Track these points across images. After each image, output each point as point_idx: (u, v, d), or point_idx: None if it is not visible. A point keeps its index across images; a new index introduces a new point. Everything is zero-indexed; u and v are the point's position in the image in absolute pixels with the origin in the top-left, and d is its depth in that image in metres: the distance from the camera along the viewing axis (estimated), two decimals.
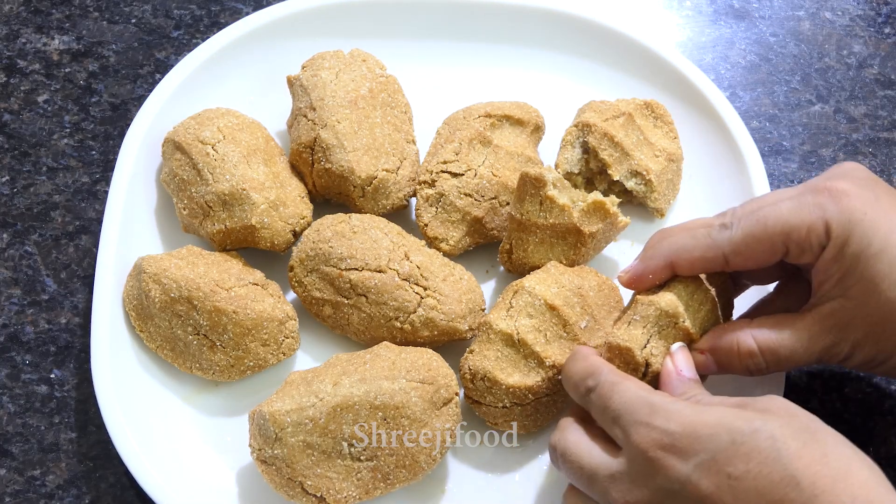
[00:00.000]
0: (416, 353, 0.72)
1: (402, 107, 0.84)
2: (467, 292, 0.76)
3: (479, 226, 0.79)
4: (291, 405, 0.68)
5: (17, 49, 0.94)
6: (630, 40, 0.89)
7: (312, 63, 0.84)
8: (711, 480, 0.54)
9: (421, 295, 0.75)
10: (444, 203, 0.79)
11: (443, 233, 0.79)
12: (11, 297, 0.82)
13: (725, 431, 0.55)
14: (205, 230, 0.78)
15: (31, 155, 0.89)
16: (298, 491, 0.69)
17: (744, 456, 0.54)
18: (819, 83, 0.94)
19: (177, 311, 0.74)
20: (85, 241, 0.85)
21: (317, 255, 0.76)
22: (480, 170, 0.80)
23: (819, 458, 0.55)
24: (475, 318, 0.76)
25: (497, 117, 0.82)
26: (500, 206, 0.80)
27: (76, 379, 0.79)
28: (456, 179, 0.79)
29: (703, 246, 0.66)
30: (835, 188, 0.64)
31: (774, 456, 0.54)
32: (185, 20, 0.96)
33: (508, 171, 0.80)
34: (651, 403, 0.59)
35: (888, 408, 0.79)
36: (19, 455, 0.76)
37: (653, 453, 0.56)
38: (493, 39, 0.92)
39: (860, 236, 0.62)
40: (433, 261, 0.77)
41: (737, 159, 0.84)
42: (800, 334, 0.65)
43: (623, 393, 0.60)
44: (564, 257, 0.76)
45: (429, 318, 0.74)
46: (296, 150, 0.81)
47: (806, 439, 0.56)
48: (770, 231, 0.64)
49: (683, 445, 0.56)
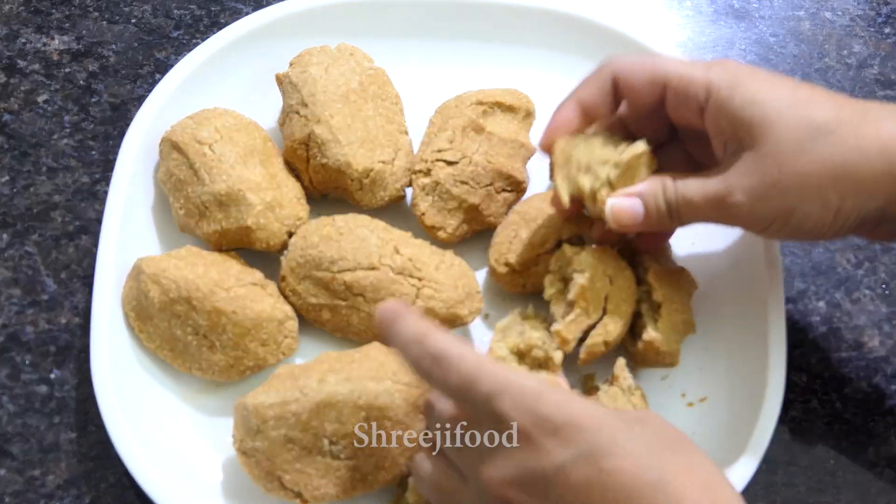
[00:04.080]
0: None
1: (392, 98, 0.84)
2: (461, 277, 0.77)
3: (476, 213, 0.80)
4: (275, 398, 0.68)
5: (17, 49, 0.94)
6: (630, 40, 0.89)
7: (300, 59, 0.84)
8: (584, 472, 0.55)
9: (417, 286, 0.75)
10: (440, 191, 0.79)
11: (440, 221, 0.79)
12: (11, 297, 0.82)
13: (608, 428, 0.56)
14: (201, 230, 0.78)
15: (31, 155, 0.89)
16: (276, 485, 0.69)
17: (620, 455, 0.55)
18: (819, 83, 0.94)
19: (176, 312, 0.74)
20: (85, 241, 0.85)
21: (307, 261, 0.76)
22: (475, 157, 0.80)
23: (688, 468, 0.56)
24: (473, 302, 0.77)
25: (489, 104, 0.83)
26: (496, 193, 0.81)
27: (76, 379, 0.79)
28: (451, 167, 0.79)
29: (593, 76, 0.72)
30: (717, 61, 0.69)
31: (648, 461, 0.55)
32: (185, 20, 0.96)
33: (503, 158, 0.81)
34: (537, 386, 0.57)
35: (888, 408, 0.79)
36: (19, 455, 0.76)
37: (535, 434, 0.56)
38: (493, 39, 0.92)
39: (743, 87, 0.66)
40: (423, 251, 0.77)
41: None
42: (710, 184, 0.68)
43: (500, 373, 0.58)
44: None
45: (429, 308, 0.75)
46: (290, 147, 0.81)
47: (677, 449, 0.57)
48: (654, 69, 0.70)
49: (566, 433, 0.55)
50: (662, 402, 0.78)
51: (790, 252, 0.85)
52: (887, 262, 0.85)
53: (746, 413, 0.75)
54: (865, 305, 0.83)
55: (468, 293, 0.76)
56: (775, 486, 0.76)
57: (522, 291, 0.80)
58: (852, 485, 0.76)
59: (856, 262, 0.85)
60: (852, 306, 0.83)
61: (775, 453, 0.77)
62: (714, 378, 0.78)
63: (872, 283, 0.85)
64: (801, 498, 0.76)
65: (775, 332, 0.76)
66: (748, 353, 0.78)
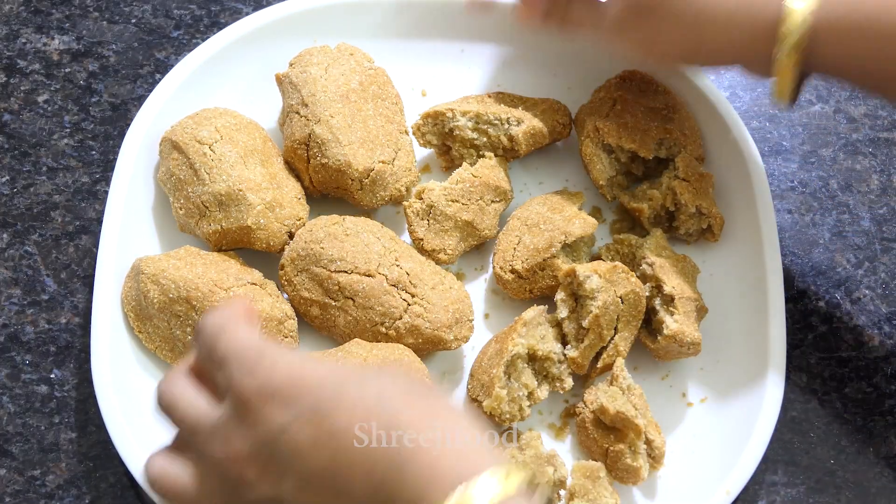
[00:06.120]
0: (387, 350, 0.72)
1: (392, 98, 0.84)
2: (455, 302, 0.76)
3: (471, 228, 0.80)
4: None
5: (17, 49, 0.94)
6: None
7: (300, 59, 0.84)
8: (309, 433, 0.50)
9: (408, 302, 0.75)
10: (434, 214, 0.80)
11: (439, 244, 0.80)
12: (11, 297, 0.82)
13: (332, 383, 0.51)
14: (201, 230, 0.78)
15: (31, 155, 0.89)
16: None
17: (347, 408, 0.50)
18: (819, 83, 0.94)
19: (175, 312, 0.74)
20: (85, 241, 0.85)
21: (308, 255, 0.76)
22: (462, 174, 0.81)
23: (427, 415, 0.51)
24: (461, 329, 0.76)
25: None
26: (487, 206, 0.81)
27: (76, 379, 0.79)
28: (441, 189, 0.80)
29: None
30: None
31: (379, 409, 0.50)
32: (185, 20, 0.96)
33: (486, 170, 0.81)
34: (260, 350, 0.53)
35: (888, 408, 0.79)
36: (19, 455, 0.76)
37: (254, 401, 0.52)
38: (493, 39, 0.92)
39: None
40: (424, 268, 0.77)
41: (737, 159, 0.84)
42: None
43: (232, 337, 0.55)
44: None
45: (414, 326, 0.75)
46: (290, 147, 0.81)
47: (417, 394, 0.53)
48: None
49: (286, 395, 0.51)
50: (662, 402, 0.78)
51: (790, 252, 0.85)
52: (887, 262, 0.85)
53: (746, 413, 0.75)
54: (865, 305, 0.83)
55: (458, 319, 0.76)
56: (775, 486, 0.76)
57: (529, 297, 0.80)
58: (852, 485, 0.76)
59: (856, 262, 0.85)
60: (852, 306, 0.83)
61: (775, 453, 0.77)
62: (714, 378, 0.78)
63: (872, 283, 0.85)
64: (801, 498, 0.76)
65: (775, 333, 0.76)
66: (748, 353, 0.78)
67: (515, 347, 0.73)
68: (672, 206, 0.81)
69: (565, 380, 0.75)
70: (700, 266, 0.80)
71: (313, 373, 0.52)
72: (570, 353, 0.75)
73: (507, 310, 0.81)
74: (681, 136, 0.83)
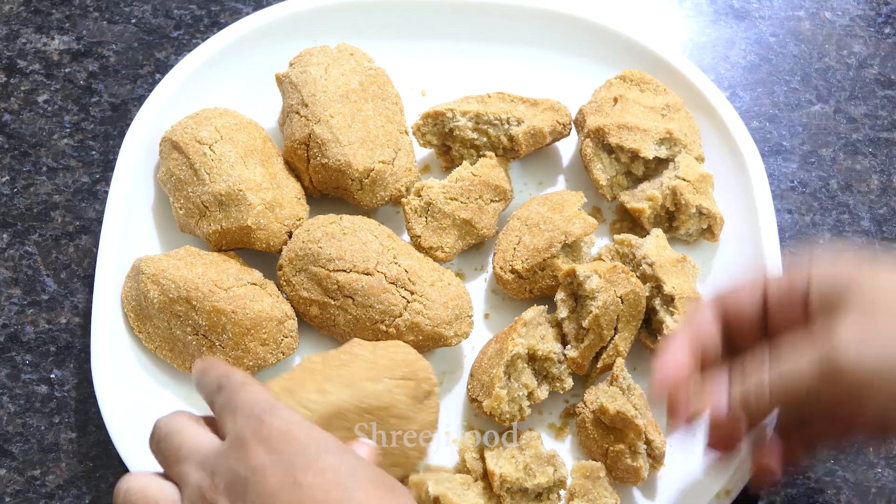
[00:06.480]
0: (391, 349, 0.71)
1: (392, 98, 0.84)
2: (454, 298, 0.76)
3: (469, 227, 0.80)
4: None
5: (17, 49, 0.94)
6: (630, 40, 0.89)
7: (300, 59, 0.84)
8: (278, 479, 0.54)
9: (407, 299, 0.75)
10: (432, 211, 0.80)
11: (436, 241, 0.80)
12: (11, 297, 0.82)
13: (316, 448, 0.56)
14: (201, 230, 0.78)
15: (31, 155, 0.89)
16: None
17: (319, 471, 0.55)
18: (819, 83, 0.94)
19: (175, 312, 0.74)
20: (85, 241, 0.85)
21: (306, 254, 0.76)
22: (461, 173, 0.81)
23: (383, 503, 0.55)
24: (461, 325, 0.76)
25: None
26: (485, 205, 0.81)
27: (76, 379, 0.79)
28: (440, 187, 0.80)
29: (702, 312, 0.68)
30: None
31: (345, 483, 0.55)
32: (185, 20, 0.96)
33: (486, 169, 0.81)
34: (272, 405, 0.58)
35: None
36: (19, 455, 0.76)
37: (249, 439, 0.56)
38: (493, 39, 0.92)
39: None
40: (422, 265, 0.77)
41: (737, 159, 0.84)
42: None
43: (250, 391, 0.59)
44: None
45: (414, 323, 0.75)
46: (290, 147, 0.81)
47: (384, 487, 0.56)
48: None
49: (274, 442, 0.55)
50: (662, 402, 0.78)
51: (790, 252, 0.85)
52: None
53: None
54: None
55: (458, 315, 0.76)
56: (775, 486, 0.76)
57: (529, 297, 0.80)
58: (852, 485, 0.76)
59: None
60: None
61: None
62: None
63: None
64: (801, 498, 0.76)
65: None
66: None
67: (515, 347, 0.73)
68: (672, 206, 0.81)
69: (565, 380, 0.75)
70: (700, 266, 0.80)
71: (307, 434, 0.56)
72: (570, 353, 0.75)
73: (507, 310, 0.81)
74: (681, 136, 0.83)
